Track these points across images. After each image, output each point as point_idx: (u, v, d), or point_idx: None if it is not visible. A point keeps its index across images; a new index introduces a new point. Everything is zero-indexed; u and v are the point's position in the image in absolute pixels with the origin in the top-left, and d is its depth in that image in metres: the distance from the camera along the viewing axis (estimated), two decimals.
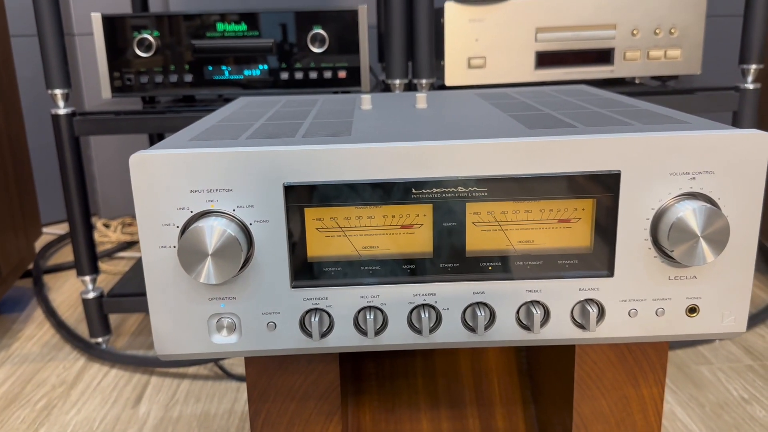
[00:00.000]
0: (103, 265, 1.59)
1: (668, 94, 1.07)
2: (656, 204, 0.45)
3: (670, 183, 0.44)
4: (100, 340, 1.19)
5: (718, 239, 0.44)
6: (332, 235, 0.46)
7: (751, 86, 1.07)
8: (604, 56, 1.07)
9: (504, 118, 0.54)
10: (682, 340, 0.91)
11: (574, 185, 0.45)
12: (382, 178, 0.44)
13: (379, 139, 0.46)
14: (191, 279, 0.45)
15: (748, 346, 1.14)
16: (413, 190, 0.45)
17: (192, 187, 0.44)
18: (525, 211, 0.46)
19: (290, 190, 0.44)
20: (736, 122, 1.09)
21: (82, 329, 1.27)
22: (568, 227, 0.46)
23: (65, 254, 1.71)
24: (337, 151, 0.44)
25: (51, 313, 1.34)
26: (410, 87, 1.09)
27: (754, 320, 1.21)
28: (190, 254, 0.43)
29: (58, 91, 1.05)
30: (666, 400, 0.99)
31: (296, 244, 0.45)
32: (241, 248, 0.43)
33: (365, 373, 0.71)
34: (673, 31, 1.07)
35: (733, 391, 1.00)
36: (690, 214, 0.43)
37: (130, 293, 1.19)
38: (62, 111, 1.06)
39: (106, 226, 1.85)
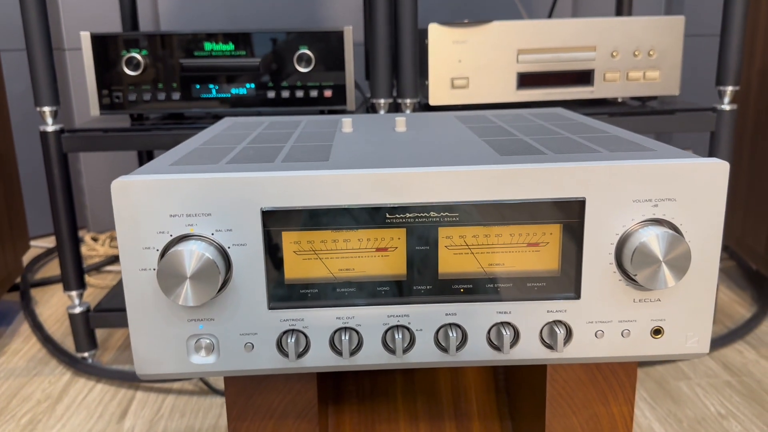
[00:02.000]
0: (90, 279, 1.59)
1: (648, 114, 1.10)
2: (620, 229, 0.46)
3: (634, 209, 0.46)
4: (86, 354, 1.20)
5: (680, 264, 0.45)
6: (309, 258, 0.47)
7: (727, 107, 1.09)
8: (584, 77, 1.09)
9: (478, 144, 0.56)
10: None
11: (541, 211, 0.46)
12: (357, 204, 0.46)
13: (356, 165, 0.47)
14: (170, 301, 0.46)
15: (727, 362, 1.15)
16: (387, 215, 0.46)
17: (172, 212, 0.45)
18: (495, 236, 0.47)
19: (268, 215, 0.46)
20: (714, 142, 1.11)
21: (69, 343, 1.27)
22: (536, 251, 0.48)
23: (53, 268, 1.72)
24: (313, 177, 0.45)
25: (38, 328, 1.34)
26: (395, 105, 1.11)
27: (733, 336, 1.23)
28: (169, 277, 0.44)
29: (46, 109, 1.07)
30: (644, 416, 1.00)
31: (274, 266, 0.47)
32: (219, 271, 0.44)
33: (345, 392, 0.73)
34: (651, 53, 1.09)
35: (711, 407, 1.02)
36: (653, 239, 0.45)
37: (117, 308, 1.19)
38: (50, 128, 1.07)
39: (95, 239, 1.86)
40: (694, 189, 0.46)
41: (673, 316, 0.48)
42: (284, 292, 0.47)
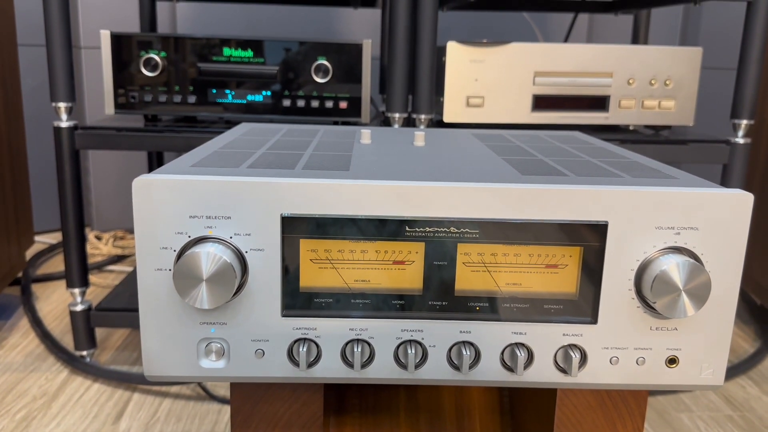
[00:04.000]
0: (92, 278, 1.58)
1: (661, 143, 1.10)
2: (641, 256, 0.46)
3: (656, 236, 0.46)
4: (84, 353, 1.19)
5: (700, 294, 0.45)
6: (325, 266, 0.47)
7: (741, 141, 1.09)
8: (599, 103, 1.09)
9: (498, 162, 0.55)
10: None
11: (562, 233, 0.46)
12: (377, 215, 0.46)
13: (377, 176, 0.47)
14: (184, 302, 0.46)
15: (729, 396, 1.14)
16: (407, 228, 0.46)
17: (191, 213, 0.45)
18: (514, 255, 0.47)
19: (287, 221, 0.45)
20: (726, 175, 1.11)
21: (68, 340, 1.26)
22: (555, 273, 0.47)
23: (56, 264, 1.71)
24: (335, 186, 0.45)
25: (37, 323, 1.34)
26: (409, 121, 1.11)
27: (736, 371, 1.22)
28: (185, 278, 0.44)
29: (62, 104, 1.07)
30: None
31: (289, 273, 0.46)
32: (236, 275, 0.44)
33: (348, 405, 0.72)
34: (668, 82, 1.09)
35: None
36: (673, 267, 0.45)
37: (119, 308, 1.19)
38: (64, 124, 1.07)
39: (98, 238, 1.85)
40: (718, 219, 0.46)
41: (689, 346, 0.48)
42: (298, 300, 0.47)
